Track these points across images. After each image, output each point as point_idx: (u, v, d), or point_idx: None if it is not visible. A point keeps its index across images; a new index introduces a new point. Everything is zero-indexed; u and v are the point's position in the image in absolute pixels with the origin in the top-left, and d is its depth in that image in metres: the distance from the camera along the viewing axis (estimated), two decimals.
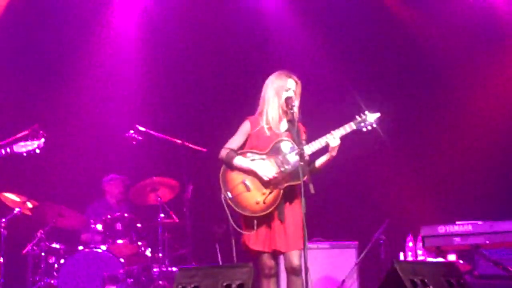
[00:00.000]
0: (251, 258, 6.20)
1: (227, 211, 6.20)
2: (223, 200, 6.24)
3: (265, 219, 6.20)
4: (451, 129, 9.95)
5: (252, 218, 6.19)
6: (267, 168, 6.20)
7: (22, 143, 7.55)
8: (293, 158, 6.15)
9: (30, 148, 7.56)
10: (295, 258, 6.16)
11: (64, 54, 10.34)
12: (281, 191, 6.17)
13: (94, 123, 10.38)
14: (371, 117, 6.24)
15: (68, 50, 10.35)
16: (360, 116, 6.25)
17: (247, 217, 6.22)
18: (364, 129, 6.24)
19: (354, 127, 6.21)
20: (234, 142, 6.43)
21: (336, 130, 6.20)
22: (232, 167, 6.30)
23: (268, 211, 6.16)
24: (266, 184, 6.19)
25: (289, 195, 6.23)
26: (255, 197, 6.20)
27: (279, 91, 6.35)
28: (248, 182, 6.24)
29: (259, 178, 6.21)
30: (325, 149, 6.24)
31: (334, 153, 6.22)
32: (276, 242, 6.17)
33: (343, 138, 6.21)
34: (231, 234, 6.30)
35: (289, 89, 6.34)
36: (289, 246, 6.15)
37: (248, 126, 6.44)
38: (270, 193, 6.18)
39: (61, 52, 10.34)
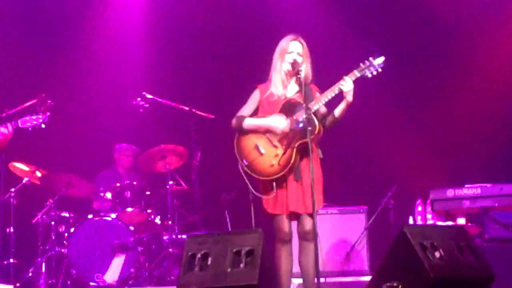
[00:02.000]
0: (269, 224, 6.21)
1: (245, 179, 6.20)
2: (240, 169, 6.23)
3: (283, 182, 6.18)
4: (460, 90, 9.83)
5: (270, 181, 6.17)
6: (279, 120, 6.20)
7: (27, 118, 7.59)
8: (301, 117, 6.12)
9: (35, 123, 7.60)
10: (308, 222, 6.13)
11: (70, 21, 10.30)
12: (294, 150, 6.12)
13: (101, 91, 10.36)
14: (377, 61, 6.18)
15: (75, 18, 10.30)
16: (364, 63, 6.19)
17: (265, 181, 6.21)
18: (370, 75, 6.16)
19: (358, 75, 6.15)
20: (245, 110, 6.43)
21: (347, 76, 6.15)
22: (243, 131, 6.30)
23: (283, 173, 6.12)
24: (279, 142, 6.17)
25: (304, 155, 6.16)
26: (269, 160, 6.17)
27: (282, 54, 6.35)
28: (260, 146, 6.22)
29: (271, 138, 6.21)
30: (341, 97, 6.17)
31: (350, 98, 6.12)
32: (293, 204, 6.14)
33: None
34: (250, 201, 6.27)
35: (292, 51, 6.31)
36: (306, 207, 6.11)
37: (257, 93, 6.44)
38: (283, 154, 6.14)
39: (67, 20, 10.29)
